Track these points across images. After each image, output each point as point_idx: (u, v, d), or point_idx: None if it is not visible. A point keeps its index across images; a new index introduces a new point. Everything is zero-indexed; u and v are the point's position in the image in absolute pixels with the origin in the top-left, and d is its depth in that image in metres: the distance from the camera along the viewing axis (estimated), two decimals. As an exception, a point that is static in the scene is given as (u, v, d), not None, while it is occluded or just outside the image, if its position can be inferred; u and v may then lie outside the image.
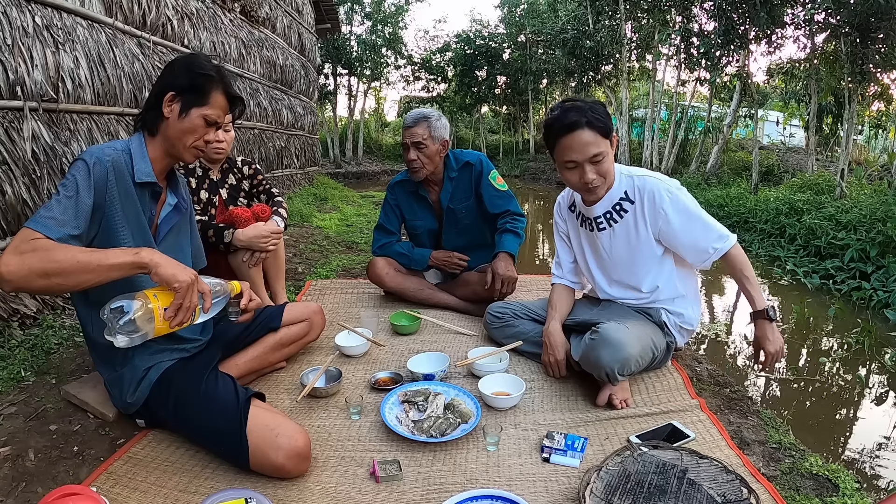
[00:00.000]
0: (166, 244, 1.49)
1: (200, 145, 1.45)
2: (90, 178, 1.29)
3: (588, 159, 1.66)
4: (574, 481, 1.34)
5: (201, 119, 1.41)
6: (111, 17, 3.12)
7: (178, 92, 1.40)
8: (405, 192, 2.65)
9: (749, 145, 11.39)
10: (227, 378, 1.46)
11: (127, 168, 1.37)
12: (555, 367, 1.87)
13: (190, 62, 1.44)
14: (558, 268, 2.07)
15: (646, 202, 1.75)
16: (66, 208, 1.24)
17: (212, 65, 1.46)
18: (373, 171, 16.83)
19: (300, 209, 5.56)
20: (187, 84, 1.40)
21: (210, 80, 1.42)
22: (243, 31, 5.44)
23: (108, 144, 1.39)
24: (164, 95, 1.40)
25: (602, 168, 1.69)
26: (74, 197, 1.26)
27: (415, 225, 2.68)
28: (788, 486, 1.36)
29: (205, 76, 1.41)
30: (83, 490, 1.01)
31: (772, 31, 7.82)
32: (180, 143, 1.42)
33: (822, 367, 2.99)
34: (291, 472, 1.33)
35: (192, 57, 1.47)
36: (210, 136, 1.46)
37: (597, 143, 1.65)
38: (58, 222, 1.21)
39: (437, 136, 2.44)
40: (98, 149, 1.35)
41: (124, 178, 1.36)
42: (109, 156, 1.34)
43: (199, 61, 1.44)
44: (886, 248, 4.48)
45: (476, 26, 19.05)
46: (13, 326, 2.13)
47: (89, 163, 1.30)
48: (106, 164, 1.32)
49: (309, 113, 7.94)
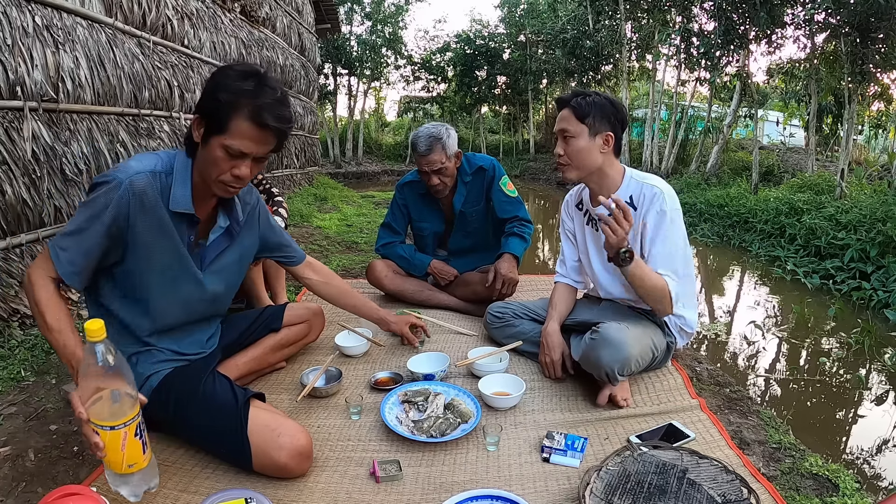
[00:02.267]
0: (214, 268, 1.45)
1: (228, 179, 1.26)
2: (107, 210, 1.23)
3: (559, 132, 1.77)
4: (574, 481, 1.34)
5: (222, 150, 1.23)
6: (111, 17, 3.12)
7: (202, 115, 1.25)
8: (415, 194, 2.64)
9: (749, 145, 11.38)
10: (223, 380, 1.44)
11: (162, 195, 1.28)
12: (551, 368, 1.87)
13: (217, 78, 1.24)
14: (562, 266, 2.07)
15: (648, 213, 1.74)
16: (74, 244, 1.25)
17: (241, 85, 1.21)
18: (373, 171, 16.83)
19: (300, 209, 5.56)
20: (208, 106, 1.23)
21: (231, 106, 1.20)
22: (243, 31, 5.44)
23: (149, 163, 1.29)
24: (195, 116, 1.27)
25: (570, 147, 1.74)
26: (85, 231, 1.24)
27: (421, 227, 2.67)
28: (788, 486, 1.36)
29: (226, 98, 1.20)
30: (83, 490, 1.01)
31: (772, 31, 7.81)
32: (206, 174, 1.28)
33: (822, 367, 2.99)
34: (294, 471, 1.32)
35: (223, 71, 1.26)
36: (239, 170, 1.26)
37: (569, 121, 1.74)
38: (66, 258, 1.24)
39: (451, 154, 2.44)
40: (132, 171, 1.25)
41: (156, 208, 1.28)
42: (141, 184, 1.25)
43: (227, 78, 1.22)
44: (886, 248, 4.48)
45: (476, 26, 19.03)
46: (13, 326, 2.13)
47: (114, 191, 1.23)
48: (131, 195, 1.24)
49: (309, 113, 7.94)
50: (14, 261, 2.29)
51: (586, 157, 1.75)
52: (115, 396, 1.05)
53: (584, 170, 1.77)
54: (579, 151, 1.74)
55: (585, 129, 1.72)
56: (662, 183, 1.79)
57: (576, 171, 1.77)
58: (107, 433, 1.05)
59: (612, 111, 1.75)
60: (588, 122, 1.72)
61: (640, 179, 1.79)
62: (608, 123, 1.75)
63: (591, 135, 1.73)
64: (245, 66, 1.26)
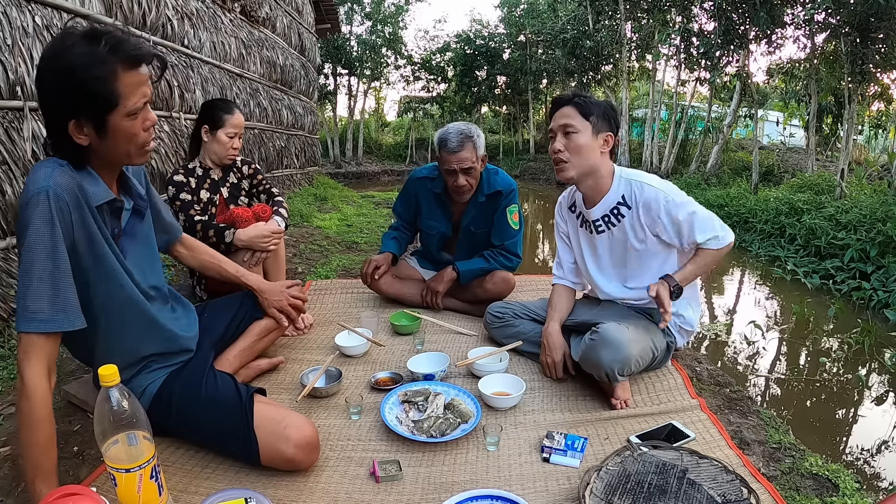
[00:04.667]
0: (134, 254, 1.33)
1: (146, 137, 1.20)
2: (53, 224, 1.08)
3: (560, 127, 1.74)
4: (574, 481, 1.34)
5: (128, 118, 1.14)
6: (111, 17, 3.12)
7: (75, 116, 1.11)
8: (427, 190, 2.57)
9: (749, 145, 11.39)
10: (226, 377, 1.45)
11: (80, 195, 1.15)
12: (552, 369, 1.87)
13: (59, 69, 1.07)
14: (559, 268, 2.07)
15: (641, 210, 1.75)
16: (50, 286, 1.08)
17: (94, 52, 1.07)
18: (373, 171, 16.84)
19: (300, 209, 5.56)
20: (75, 101, 1.09)
21: (105, 76, 1.08)
22: (243, 31, 5.44)
23: (51, 170, 1.12)
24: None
25: (571, 143, 1.73)
26: (53, 262, 1.08)
27: (430, 224, 2.63)
28: (788, 486, 1.36)
29: (95, 73, 1.07)
30: (83, 490, 1.01)
31: (772, 31, 7.81)
32: (123, 153, 1.19)
33: (822, 367, 2.99)
34: (303, 462, 1.33)
35: (57, 59, 1.07)
36: (150, 118, 1.18)
37: (572, 117, 1.72)
38: (60, 307, 1.10)
39: (480, 155, 2.37)
40: (43, 179, 1.09)
41: (82, 208, 1.15)
42: (64, 184, 1.11)
43: (73, 60, 1.06)
44: (886, 248, 4.48)
45: (476, 26, 19.05)
46: (13, 326, 2.13)
47: (45, 203, 1.08)
48: (60, 199, 1.10)
49: (309, 113, 7.94)
50: (14, 261, 2.29)
51: (588, 154, 1.74)
52: (132, 440, 1.06)
53: (582, 168, 1.75)
54: (581, 147, 1.73)
55: (589, 126, 1.72)
56: (646, 176, 1.79)
57: (574, 169, 1.75)
58: (122, 476, 1.06)
59: (612, 114, 1.77)
60: (592, 120, 1.72)
61: (628, 178, 1.79)
62: (609, 124, 1.75)
63: (593, 133, 1.73)
64: (70, 38, 1.07)
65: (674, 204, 1.72)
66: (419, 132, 20.57)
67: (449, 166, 2.33)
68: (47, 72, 1.08)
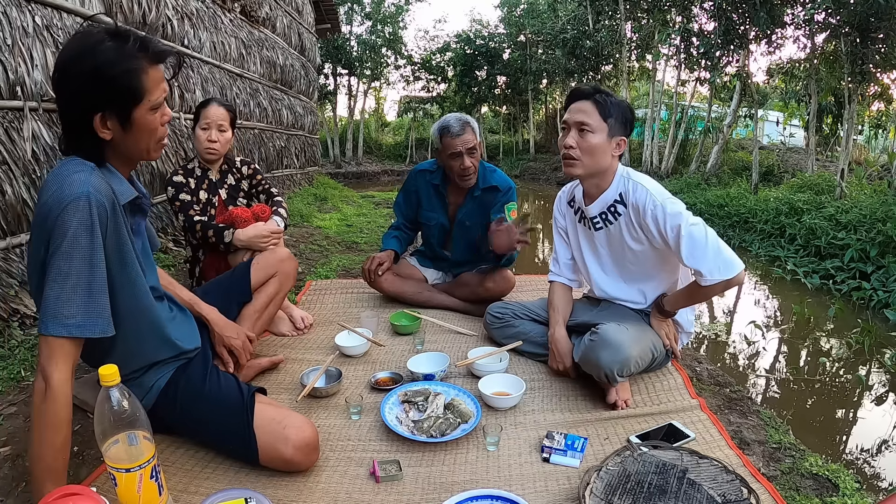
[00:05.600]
0: (143, 254, 1.32)
1: (163, 133, 1.24)
2: (93, 231, 1.09)
3: (576, 123, 1.69)
4: (574, 481, 1.34)
5: (150, 112, 1.18)
6: (111, 17, 3.12)
7: (101, 110, 1.13)
8: (427, 183, 2.62)
9: (749, 145, 11.38)
10: (228, 376, 1.45)
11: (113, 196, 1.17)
12: (563, 376, 1.87)
13: (88, 66, 1.10)
14: (556, 264, 2.06)
15: (631, 212, 1.74)
16: (85, 293, 1.09)
17: (124, 49, 1.11)
18: (373, 171, 16.84)
19: (300, 209, 5.56)
20: (105, 96, 1.12)
21: (134, 71, 1.13)
22: (243, 31, 5.44)
23: (85, 173, 1.12)
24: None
25: (584, 142, 1.69)
26: (91, 270, 1.09)
27: (429, 216, 2.66)
28: (788, 486, 1.36)
29: (125, 68, 1.11)
30: (83, 490, 1.00)
31: (772, 31, 7.81)
32: (142, 148, 1.22)
33: (822, 367, 2.99)
34: (302, 463, 1.33)
35: (86, 54, 1.10)
36: (167, 114, 1.22)
37: (590, 114, 1.67)
38: (94, 313, 1.10)
39: (479, 138, 2.46)
40: (80, 184, 1.10)
41: (116, 213, 1.16)
42: (101, 189, 1.12)
43: (101, 55, 1.10)
44: (886, 248, 4.48)
45: (476, 26, 19.05)
46: (13, 326, 2.13)
47: (92, 212, 1.09)
48: (100, 205, 1.11)
49: (309, 113, 7.94)
50: (14, 261, 2.29)
51: (600, 155, 1.70)
52: (132, 439, 1.06)
53: (592, 168, 1.72)
54: (594, 148, 1.69)
55: (606, 127, 1.68)
56: (644, 178, 1.75)
57: (583, 168, 1.72)
58: (122, 475, 1.06)
59: (629, 117, 1.73)
60: (609, 122, 1.68)
61: (627, 177, 1.76)
62: (624, 128, 1.72)
63: (609, 135, 1.69)
64: (94, 37, 1.11)
65: (662, 212, 1.63)
66: (419, 132, 20.57)
67: (454, 149, 2.38)
68: (74, 68, 1.11)
